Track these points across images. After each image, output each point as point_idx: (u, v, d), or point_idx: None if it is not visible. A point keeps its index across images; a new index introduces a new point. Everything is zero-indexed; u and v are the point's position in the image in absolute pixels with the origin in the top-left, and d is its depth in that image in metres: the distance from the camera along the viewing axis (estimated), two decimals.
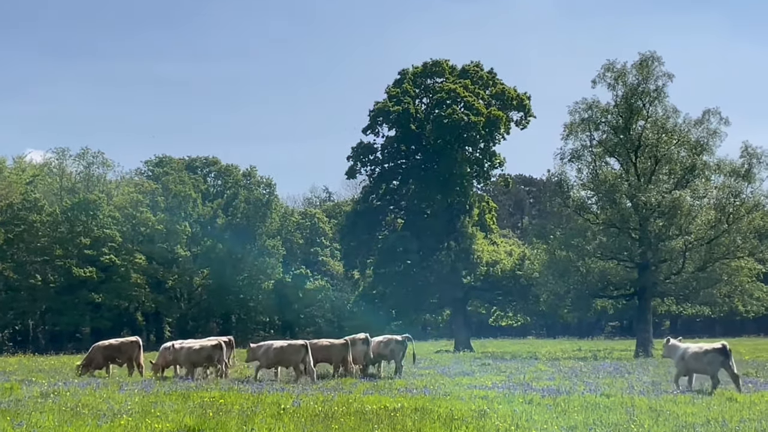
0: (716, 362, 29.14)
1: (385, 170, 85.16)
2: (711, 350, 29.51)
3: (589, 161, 63.84)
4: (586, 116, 63.13)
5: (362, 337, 37.73)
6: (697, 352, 30.00)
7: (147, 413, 22.41)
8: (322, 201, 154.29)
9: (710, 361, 29.28)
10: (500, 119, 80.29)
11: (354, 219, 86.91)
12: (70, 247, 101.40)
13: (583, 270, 63.02)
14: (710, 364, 29.26)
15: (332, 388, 29.87)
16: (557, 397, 25.97)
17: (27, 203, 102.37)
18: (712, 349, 29.51)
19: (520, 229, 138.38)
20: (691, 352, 30.14)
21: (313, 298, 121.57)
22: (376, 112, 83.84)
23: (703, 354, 29.65)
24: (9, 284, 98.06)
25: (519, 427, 19.61)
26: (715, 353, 29.26)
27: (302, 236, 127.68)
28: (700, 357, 29.65)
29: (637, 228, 61.00)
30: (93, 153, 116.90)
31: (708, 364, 29.32)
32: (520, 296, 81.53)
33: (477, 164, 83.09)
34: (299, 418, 21.19)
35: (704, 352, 29.66)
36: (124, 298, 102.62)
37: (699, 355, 29.76)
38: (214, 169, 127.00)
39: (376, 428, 19.37)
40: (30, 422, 20.76)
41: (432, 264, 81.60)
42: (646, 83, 62.15)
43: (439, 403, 24.21)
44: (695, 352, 30.06)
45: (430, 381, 33.09)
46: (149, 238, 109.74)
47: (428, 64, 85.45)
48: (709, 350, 29.61)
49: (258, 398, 25.94)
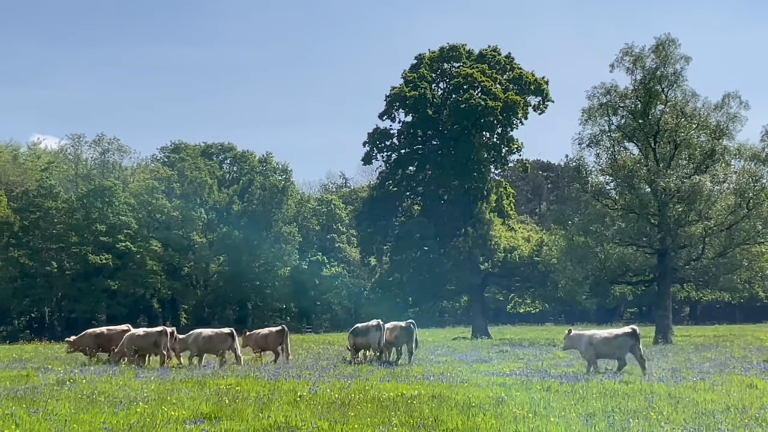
0: (626, 346, 30.30)
1: (402, 156, 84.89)
2: (622, 334, 30.66)
3: (607, 146, 63.45)
4: (605, 101, 62.67)
5: (375, 324, 37.68)
6: (606, 337, 30.93)
7: (163, 400, 22.27)
8: (339, 187, 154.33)
9: (620, 344, 30.36)
10: (518, 104, 79.90)
11: (370, 205, 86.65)
12: (85, 234, 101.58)
13: (602, 256, 62.66)
14: (620, 348, 30.37)
15: (349, 375, 29.68)
16: (575, 384, 25.73)
17: (42, 190, 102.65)
18: (623, 333, 30.69)
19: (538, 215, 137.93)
20: (600, 338, 30.98)
21: (329, 285, 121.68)
22: (392, 97, 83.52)
23: (613, 338, 30.66)
24: (25, 271, 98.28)
25: (537, 414, 19.35)
26: (626, 337, 30.41)
27: (318, 223, 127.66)
28: (611, 341, 30.63)
29: (656, 213, 60.60)
30: (108, 139, 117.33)
31: (618, 347, 30.39)
32: (538, 282, 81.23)
33: (494, 149, 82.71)
34: (316, 406, 21.00)
35: (615, 337, 30.71)
36: (140, 285, 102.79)
37: (609, 339, 30.72)
38: (230, 155, 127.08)
39: (393, 415, 19.15)
40: (46, 410, 20.63)
41: (449, 250, 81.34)
42: (664, 67, 61.66)
43: (457, 390, 23.99)
44: (605, 337, 30.97)
45: (448, 368, 32.87)
46: (165, 224, 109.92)
47: (445, 49, 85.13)
48: (620, 334, 30.74)
49: (274, 385, 25.76)
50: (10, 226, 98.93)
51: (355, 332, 38.48)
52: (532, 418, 18.76)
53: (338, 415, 19.28)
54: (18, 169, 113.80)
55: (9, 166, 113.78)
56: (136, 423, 18.32)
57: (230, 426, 18.09)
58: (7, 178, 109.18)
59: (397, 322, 39.13)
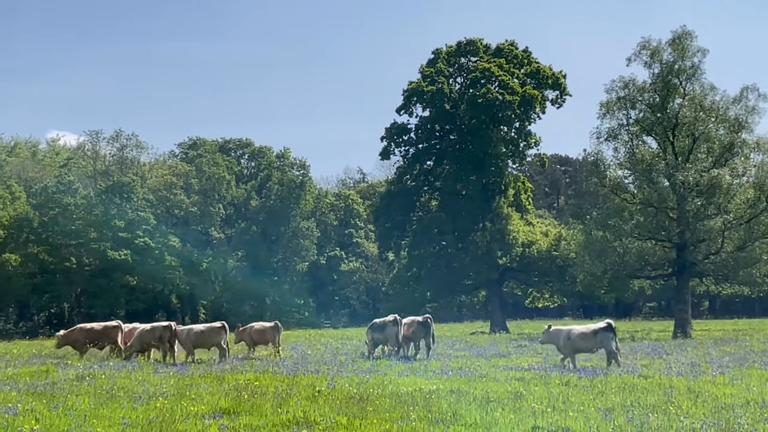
0: (603, 340, 30.87)
1: (420, 151, 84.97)
2: (598, 329, 31.22)
3: (625, 140, 63.21)
4: (623, 95, 62.46)
5: (392, 319, 37.75)
6: (584, 332, 31.52)
7: (182, 396, 22.34)
8: (357, 182, 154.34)
9: (598, 339, 30.93)
10: (535, 98, 79.83)
11: (388, 200, 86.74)
12: (104, 230, 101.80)
13: (620, 250, 62.44)
14: (598, 342, 30.97)
15: (367, 370, 29.69)
16: (594, 378, 25.68)
17: (61, 186, 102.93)
18: (600, 328, 31.26)
19: (556, 210, 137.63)
20: (578, 333, 31.59)
21: (347, 280, 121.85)
22: (410, 92, 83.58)
23: (590, 333, 31.24)
24: (44, 267, 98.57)
25: (555, 408, 19.33)
26: (603, 332, 31.01)
27: (336, 218, 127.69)
28: (589, 336, 31.18)
29: (675, 207, 60.39)
30: (127, 135, 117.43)
31: (595, 342, 31.03)
32: (556, 277, 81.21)
33: (512, 144, 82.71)
34: (334, 400, 21.02)
35: (592, 332, 31.27)
36: (159, 281, 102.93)
37: (586, 334, 31.29)
38: (248, 150, 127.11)
39: (412, 410, 19.15)
40: (66, 405, 20.71)
41: (467, 245, 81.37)
42: (681, 60, 61.42)
43: (475, 385, 23.98)
44: (582, 332, 31.58)
45: (466, 363, 32.84)
46: (183, 220, 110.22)
47: (462, 44, 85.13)
48: (597, 329, 31.28)
49: (293, 381, 25.81)
50: (29, 222, 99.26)
51: (373, 327, 38.53)
52: (551, 412, 18.74)
53: (357, 410, 19.30)
54: (37, 165, 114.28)
55: (28, 163, 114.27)
56: (155, 418, 18.38)
57: (249, 421, 18.13)
58: (26, 174, 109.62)
59: (415, 317, 39.18)
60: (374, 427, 17.09)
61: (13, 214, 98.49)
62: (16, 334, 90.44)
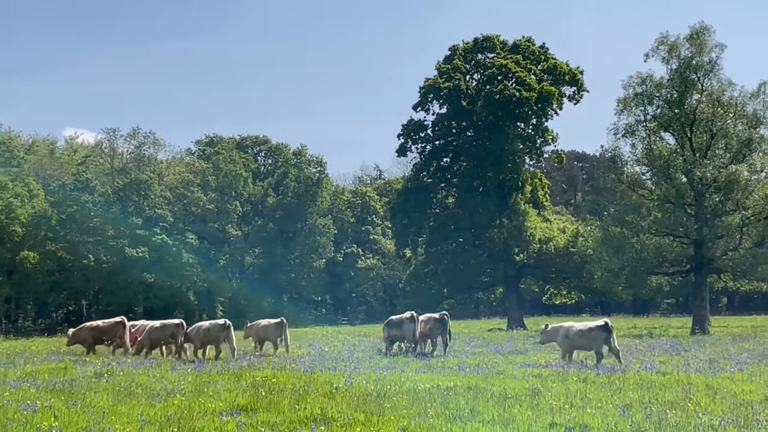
0: (600, 338, 30.72)
1: (436, 147, 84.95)
2: (595, 327, 31.18)
3: (643, 136, 63.06)
4: (640, 90, 62.30)
5: (408, 316, 37.75)
6: (582, 329, 31.56)
7: (200, 393, 22.34)
8: (373, 179, 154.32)
9: (595, 337, 30.84)
10: (552, 94, 79.65)
11: (405, 197, 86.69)
12: (122, 227, 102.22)
13: (638, 246, 62.29)
14: (595, 340, 30.84)
15: (384, 367, 29.67)
16: (612, 375, 25.61)
17: (79, 184, 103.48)
18: (596, 327, 31.20)
19: (574, 206, 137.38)
20: (576, 330, 31.64)
21: (364, 277, 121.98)
22: (426, 88, 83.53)
23: (588, 331, 31.23)
24: (62, 264, 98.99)
25: (573, 405, 19.27)
26: (599, 330, 30.91)
27: (353, 215, 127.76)
28: (585, 334, 31.22)
29: (693, 204, 60.20)
30: (144, 133, 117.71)
31: (593, 340, 30.86)
32: (573, 274, 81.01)
33: (529, 140, 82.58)
34: (351, 397, 21.00)
35: (589, 330, 31.26)
36: (176, 278, 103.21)
37: (584, 332, 31.33)
38: (265, 148, 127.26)
39: (429, 407, 19.13)
40: (84, 402, 20.73)
41: (484, 242, 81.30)
42: (699, 56, 61.22)
43: (493, 382, 23.92)
44: (580, 330, 31.61)
45: (483, 359, 32.80)
46: (200, 217, 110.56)
47: (479, 40, 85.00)
48: (593, 327, 31.25)
49: (310, 377, 25.80)
50: (47, 220, 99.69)
51: (390, 324, 38.53)
52: (569, 409, 18.70)
53: (374, 407, 19.29)
54: (55, 163, 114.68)
55: (46, 160, 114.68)
56: (173, 415, 18.40)
57: (267, 417, 18.13)
58: (45, 172, 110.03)
59: (431, 314, 39.17)
60: (391, 423, 17.07)
61: (32, 212, 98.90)
62: (34, 331, 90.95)
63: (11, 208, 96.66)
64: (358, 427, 16.72)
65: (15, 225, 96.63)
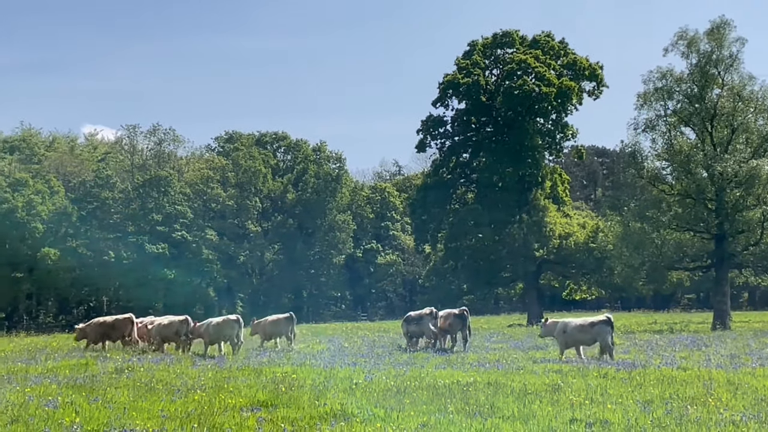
0: (600, 333, 31.06)
1: (456, 143, 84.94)
2: (597, 322, 31.51)
3: (663, 131, 62.81)
4: (660, 85, 62.04)
5: (428, 312, 37.85)
6: (582, 324, 31.87)
7: (220, 388, 22.41)
8: (393, 175, 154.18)
9: (599, 331, 31.09)
10: (572, 90, 79.51)
11: (424, 193, 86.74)
12: (142, 224, 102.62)
13: (658, 242, 62.09)
14: (599, 335, 31.10)
15: (404, 363, 29.68)
16: (632, 370, 25.52)
17: (99, 180, 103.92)
18: (597, 321, 31.59)
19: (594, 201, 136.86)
20: (575, 325, 31.95)
21: (384, 273, 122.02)
22: (445, 84, 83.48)
23: (588, 326, 31.56)
24: (83, 261, 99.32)
25: (593, 401, 19.24)
26: (600, 324, 31.24)
27: (373, 211, 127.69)
28: (587, 329, 31.49)
29: (714, 198, 59.94)
30: (164, 130, 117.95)
31: (597, 334, 31.14)
32: (593, 269, 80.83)
33: (549, 136, 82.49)
34: (371, 393, 21.02)
35: (591, 324, 31.56)
36: (196, 274, 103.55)
37: (585, 327, 31.60)
38: (284, 144, 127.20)
39: (449, 402, 19.12)
40: (105, 397, 20.84)
41: (504, 237, 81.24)
42: (719, 50, 60.88)
43: (513, 378, 23.91)
44: (580, 324, 31.94)
45: (503, 355, 32.76)
46: (220, 213, 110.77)
47: (498, 35, 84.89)
48: (596, 322, 31.59)
49: (330, 373, 25.83)
50: (68, 217, 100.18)
51: (408, 320, 38.59)
52: (589, 405, 18.66)
53: (394, 403, 19.29)
54: (75, 160, 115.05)
55: (66, 158, 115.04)
56: (193, 411, 18.46)
57: (286, 413, 18.15)
58: (65, 169, 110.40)
59: (451, 309, 39.16)
60: (411, 419, 17.07)
61: (52, 209, 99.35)
62: (55, 327, 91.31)
63: (32, 205, 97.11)
64: (378, 422, 16.72)
65: (36, 222, 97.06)
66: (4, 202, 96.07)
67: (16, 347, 45.78)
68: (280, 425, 16.63)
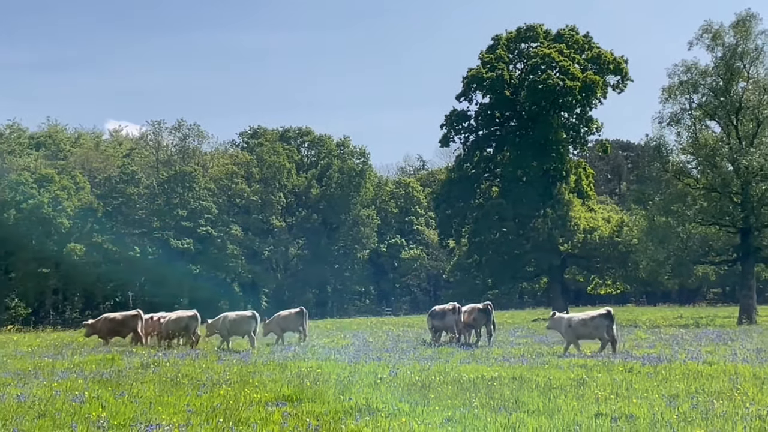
0: (602, 326, 31.36)
1: (480, 138, 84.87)
2: (597, 316, 31.82)
3: (688, 125, 62.45)
4: (685, 79, 61.67)
5: (451, 307, 37.95)
6: (584, 318, 32.16)
7: (245, 383, 22.49)
8: (416, 170, 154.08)
9: (597, 325, 31.48)
10: (596, 84, 79.25)
11: (448, 187, 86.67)
12: (167, 219, 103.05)
13: (684, 236, 61.81)
14: (596, 329, 31.49)
15: (429, 358, 29.68)
16: (658, 365, 25.45)
17: (124, 176, 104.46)
18: (598, 315, 31.87)
19: (618, 195, 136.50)
20: (578, 320, 32.23)
21: (408, 268, 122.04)
22: (469, 78, 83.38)
23: (590, 320, 31.84)
24: (108, 256, 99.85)
25: (619, 395, 19.19)
26: (601, 318, 31.55)
27: (397, 205, 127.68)
28: (588, 323, 31.81)
29: (739, 192, 59.58)
30: (188, 125, 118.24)
31: (594, 328, 31.54)
32: (618, 263, 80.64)
33: (573, 130, 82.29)
34: (396, 387, 21.04)
35: (591, 318, 31.88)
36: (221, 269, 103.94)
37: (586, 321, 31.92)
38: (308, 139, 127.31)
39: (474, 397, 19.12)
40: (131, 392, 20.96)
41: (528, 232, 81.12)
42: (745, 43, 60.47)
43: (537, 372, 23.89)
44: (582, 319, 32.20)
45: (528, 350, 32.77)
46: (245, 209, 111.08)
47: (522, 29, 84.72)
48: (595, 316, 31.91)
49: (355, 368, 25.87)
50: (93, 212, 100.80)
51: (433, 315, 38.88)
52: (614, 399, 18.62)
53: (419, 397, 19.31)
54: (100, 156, 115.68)
55: (92, 153, 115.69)
56: (219, 405, 18.53)
57: (311, 408, 18.20)
58: (90, 164, 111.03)
59: (475, 304, 39.20)
60: (436, 414, 17.08)
61: (78, 204, 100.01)
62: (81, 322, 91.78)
63: (58, 201, 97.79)
64: (403, 417, 16.74)
65: (62, 217, 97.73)
66: (30, 198, 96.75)
67: (43, 342, 46.11)
68: (305, 420, 16.67)
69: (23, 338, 53.05)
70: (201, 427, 16.09)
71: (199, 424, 16.39)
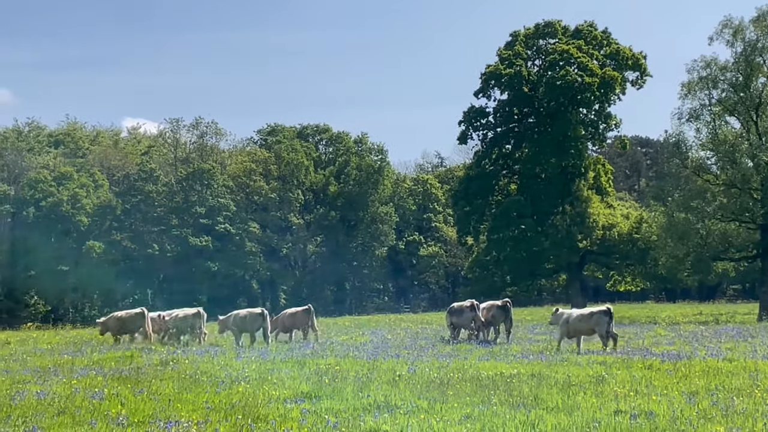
0: (601, 323, 31.35)
1: (498, 134, 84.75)
2: (597, 312, 31.95)
3: (708, 120, 62.28)
4: (705, 74, 61.51)
5: (469, 305, 37.96)
6: (583, 314, 32.35)
7: (264, 380, 22.49)
8: (435, 166, 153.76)
9: (595, 322, 31.48)
10: (615, 80, 79.02)
11: (467, 184, 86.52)
12: (185, 217, 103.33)
13: (703, 232, 61.63)
14: (597, 324, 31.43)
15: (447, 355, 29.66)
16: (677, 362, 25.32)
17: (143, 174, 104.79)
18: (598, 311, 32.01)
19: (637, 192, 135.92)
20: (577, 315, 32.38)
21: (426, 265, 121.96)
22: (487, 75, 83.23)
23: (588, 316, 31.91)
24: (127, 254, 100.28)
25: (638, 392, 19.13)
26: (600, 315, 31.57)
27: (415, 202, 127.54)
28: (586, 319, 31.81)
29: (759, 188, 59.39)
30: (206, 123, 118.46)
31: (593, 324, 31.52)
32: (637, 260, 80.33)
33: (592, 126, 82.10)
34: (415, 385, 21.01)
35: (590, 314, 31.99)
36: (240, 267, 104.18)
37: (585, 317, 31.94)
38: (326, 136, 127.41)
39: (493, 394, 19.08)
40: (150, 389, 21.00)
41: (547, 228, 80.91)
42: (765, 38, 60.32)
43: (556, 369, 23.82)
44: (581, 314, 32.39)
45: (547, 347, 32.66)
46: (263, 206, 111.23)
47: (540, 25, 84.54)
48: (595, 312, 32.06)
49: (373, 365, 25.84)
50: (112, 210, 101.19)
51: (451, 311, 38.90)
52: (634, 396, 18.56)
53: (437, 394, 19.29)
54: (119, 153, 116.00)
55: (110, 151, 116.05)
56: (238, 402, 18.54)
57: (330, 405, 18.19)
58: (109, 162, 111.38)
59: (493, 301, 39.21)
60: (455, 411, 17.06)
61: (97, 202, 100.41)
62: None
63: (77, 198, 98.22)
64: (422, 414, 16.72)
65: (81, 215, 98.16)
66: (49, 196, 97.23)
67: (62, 339, 46.29)
68: (324, 417, 16.67)
69: (43, 335, 53.19)
70: (220, 424, 16.10)
71: (218, 421, 16.41)
